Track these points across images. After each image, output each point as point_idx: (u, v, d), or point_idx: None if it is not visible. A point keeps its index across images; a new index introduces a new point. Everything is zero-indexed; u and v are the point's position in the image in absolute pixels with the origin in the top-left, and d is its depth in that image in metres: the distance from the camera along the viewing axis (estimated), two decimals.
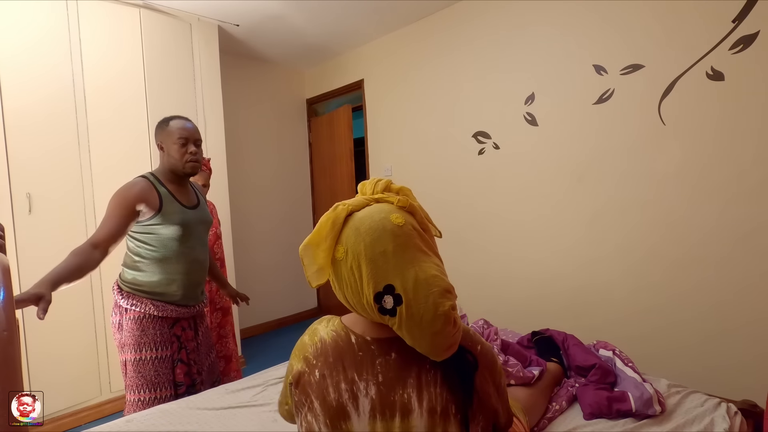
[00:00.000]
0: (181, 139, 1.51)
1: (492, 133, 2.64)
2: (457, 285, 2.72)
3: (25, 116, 2.13)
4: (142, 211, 1.44)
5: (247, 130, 3.65)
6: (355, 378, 0.72)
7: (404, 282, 0.67)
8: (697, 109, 1.85)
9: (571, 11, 2.21)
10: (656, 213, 2.00)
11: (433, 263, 0.73)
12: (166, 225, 1.48)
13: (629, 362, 1.48)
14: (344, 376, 0.72)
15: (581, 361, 1.48)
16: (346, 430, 0.71)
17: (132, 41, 2.49)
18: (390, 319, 0.69)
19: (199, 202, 1.65)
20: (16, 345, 0.66)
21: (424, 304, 0.66)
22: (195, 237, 1.58)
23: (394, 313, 0.67)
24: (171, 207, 1.50)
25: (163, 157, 1.54)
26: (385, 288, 0.68)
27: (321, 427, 0.72)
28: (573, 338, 1.61)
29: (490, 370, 0.77)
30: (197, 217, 1.60)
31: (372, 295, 0.68)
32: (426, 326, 0.67)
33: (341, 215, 0.76)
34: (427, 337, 0.67)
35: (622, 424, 1.25)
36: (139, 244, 1.50)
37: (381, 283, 0.68)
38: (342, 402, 0.71)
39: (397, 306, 0.67)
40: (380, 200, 0.81)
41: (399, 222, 0.73)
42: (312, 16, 2.88)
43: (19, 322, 2.13)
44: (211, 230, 2.20)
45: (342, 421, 0.71)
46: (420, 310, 0.66)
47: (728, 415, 1.27)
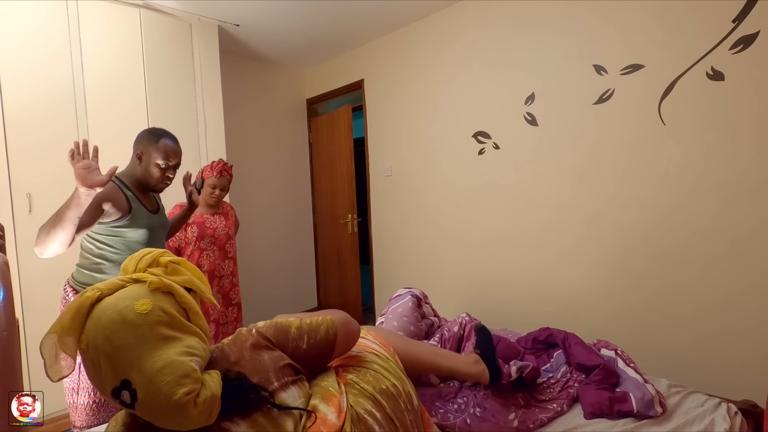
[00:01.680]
0: (164, 162, 1.53)
1: (492, 133, 2.64)
2: (456, 285, 2.74)
3: (26, 116, 2.13)
4: (107, 211, 1.44)
5: (247, 130, 3.64)
6: None
7: (141, 376, 0.68)
8: (697, 109, 1.85)
9: (571, 11, 2.21)
10: (656, 213, 2.00)
11: (180, 347, 0.73)
12: (133, 228, 1.50)
13: (631, 362, 1.48)
14: None
15: (585, 360, 1.48)
16: None
17: (132, 41, 2.49)
18: (135, 411, 0.70)
19: (158, 206, 1.68)
20: (15, 345, 0.66)
21: (156, 398, 0.67)
22: (158, 241, 1.62)
23: (133, 407, 0.69)
24: (140, 211, 1.52)
25: (136, 166, 1.54)
26: (122, 383, 0.68)
27: None
28: (574, 337, 1.61)
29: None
30: (159, 222, 1.63)
31: (110, 390, 0.68)
32: (163, 417, 0.69)
33: (85, 304, 0.72)
34: (170, 425, 0.70)
35: (622, 424, 1.25)
36: (101, 246, 1.49)
37: (118, 378, 0.68)
38: None
39: (134, 401, 0.68)
40: (138, 280, 0.78)
41: (143, 309, 0.72)
42: (312, 16, 2.88)
43: (19, 322, 2.13)
44: (224, 231, 2.24)
45: None
46: (153, 403, 0.68)
47: (728, 415, 1.27)
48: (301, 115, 4.11)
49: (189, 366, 0.71)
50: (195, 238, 2.13)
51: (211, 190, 2.18)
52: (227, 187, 2.24)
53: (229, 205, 2.42)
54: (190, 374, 0.71)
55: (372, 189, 3.53)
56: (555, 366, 1.58)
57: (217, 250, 2.22)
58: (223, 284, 2.26)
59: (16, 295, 2.04)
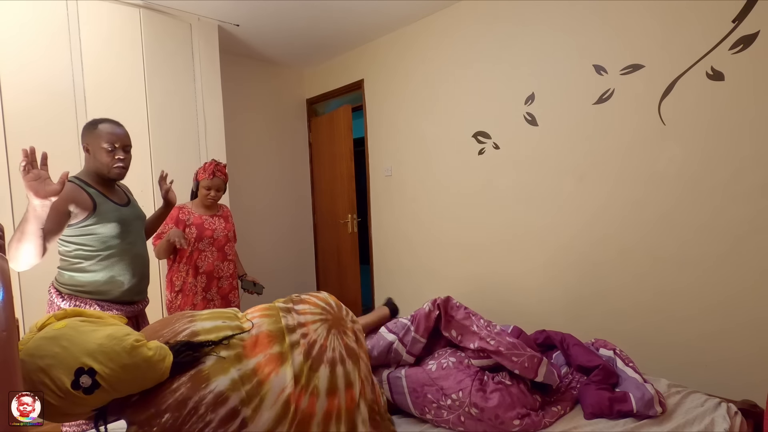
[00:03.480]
0: (108, 144, 1.49)
1: (492, 133, 2.64)
2: (456, 284, 2.74)
3: (26, 116, 2.13)
4: (73, 213, 1.43)
5: (247, 130, 3.65)
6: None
7: (91, 353, 0.81)
8: (697, 109, 1.85)
9: (572, 11, 2.21)
10: (656, 212, 2.00)
11: (109, 329, 0.89)
12: (103, 224, 1.49)
13: (630, 362, 1.48)
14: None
15: (584, 362, 1.48)
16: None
17: (132, 41, 2.49)
18: (97, 394, 0.80)
19: (129, 199, 1.67)
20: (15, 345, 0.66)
21: (115, 357, 0.82)
22: (134, 233, 1.62)
23: (98, 385, 0.80)
24: (105, 206, 1.51)
25: (89, 159, 1.53)
26: (75, 373, 0.79)
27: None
28: (572, 338, 1.61)
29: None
30: (133, 214, 1.63)
31: (69, 386, 0.78)
32: (130, 373, 0.83)
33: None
34: (138, 380, 0.85)
35: (622, 424, 1.25)
36: (76, 247, 1.49)
37: (70, 372, 0.79)
38: None
39: (94, 379, 0.79)
40: (42, 326, 0.89)
41: (61, 326, 0.87)
42: (312, 16, 2.88)
43: (19, 322, 2.13)
44: (223, 233, 2.24)
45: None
46: (114, 364, 0.81)
47: (728, 415, 1.27)
48: (301, 115, 4.11)
49: (125, 329, 0.88)
50: (193, 239, 2.14)
51: (206, 191, 2.18)
52: (223, 188, 2.24)
53: (227, 208, 2.42)
54: (129, 332, 0.88)
55: (372, 189, 3.53)
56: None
57: (216, 252, 2.22)
58: (222, 285, 2.27)
59: (16, 295, 2.04)
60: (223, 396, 0.88)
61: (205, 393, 0.87)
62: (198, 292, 2.17)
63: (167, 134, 2.65)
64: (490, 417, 1.25)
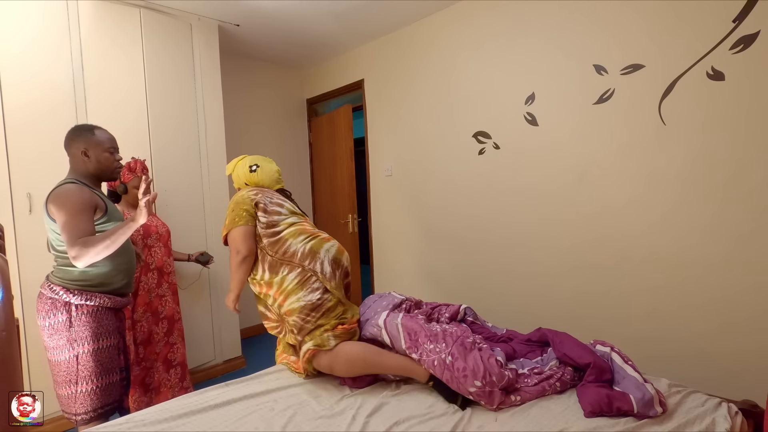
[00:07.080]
0: (111, 148, 1.65)
1: (492, 133, 2.64)
2: (457, 284, 2.75)
3: (26, 116, 2.13)
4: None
5: (247, 130, 3.64)
6: None
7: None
8: (698, 109, 1.85)
9: (572, 11, 2.21)
10: (656, 212, 2.00)
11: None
12: (113, 222, 1.61)
13: (628, 360, 1.47)
14: None
15: (576, 357, 1.47)
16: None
17: (132, 41, 2.49)
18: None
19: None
20: (15, 345, 0.66)
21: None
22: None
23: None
24: (110, 205, 1.65)
25: (85, 162, 1.61)
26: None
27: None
28: (566, 335, 1.62)
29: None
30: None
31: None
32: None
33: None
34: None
35: (623, 423, 1.25)
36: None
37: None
38: None
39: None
40: None
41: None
42: (312, 16, 2.88)
43: (19, 322, 2.13)
44: (164, 228, 2.32)
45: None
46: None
47: (729, 415, 1.26)
48: (301, 115, 4.11)
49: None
50: (141, 237, 2.18)
51: (137, 191, 2.21)
52: (139, 185, 2.28)
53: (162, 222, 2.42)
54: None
55: (372, 189, 3.53)
56: (546, 360, 1.58)
57: (163, 247, 2.28)
58: (172, 280, 2.33)
59: (16, 295, 2.04)
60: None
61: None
62: (151, 288, 2.19)
63: (167, 134, 2.65)
64: (458, 369, 1.43)
